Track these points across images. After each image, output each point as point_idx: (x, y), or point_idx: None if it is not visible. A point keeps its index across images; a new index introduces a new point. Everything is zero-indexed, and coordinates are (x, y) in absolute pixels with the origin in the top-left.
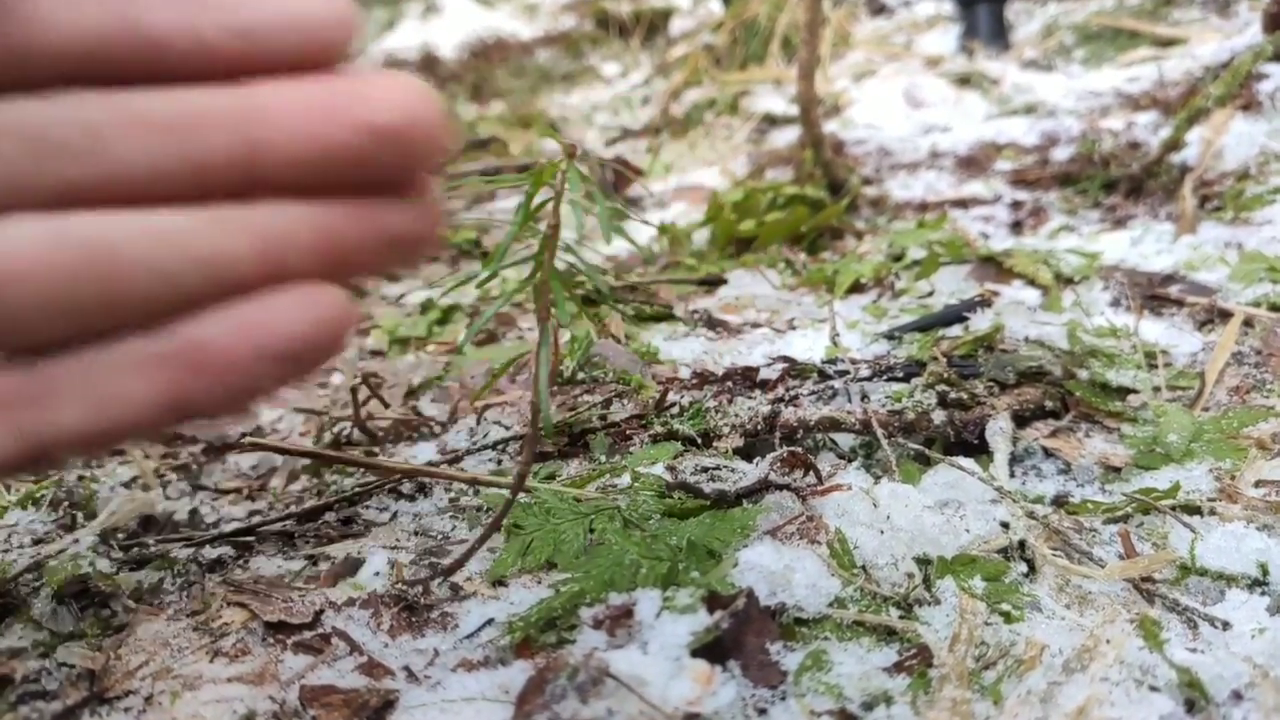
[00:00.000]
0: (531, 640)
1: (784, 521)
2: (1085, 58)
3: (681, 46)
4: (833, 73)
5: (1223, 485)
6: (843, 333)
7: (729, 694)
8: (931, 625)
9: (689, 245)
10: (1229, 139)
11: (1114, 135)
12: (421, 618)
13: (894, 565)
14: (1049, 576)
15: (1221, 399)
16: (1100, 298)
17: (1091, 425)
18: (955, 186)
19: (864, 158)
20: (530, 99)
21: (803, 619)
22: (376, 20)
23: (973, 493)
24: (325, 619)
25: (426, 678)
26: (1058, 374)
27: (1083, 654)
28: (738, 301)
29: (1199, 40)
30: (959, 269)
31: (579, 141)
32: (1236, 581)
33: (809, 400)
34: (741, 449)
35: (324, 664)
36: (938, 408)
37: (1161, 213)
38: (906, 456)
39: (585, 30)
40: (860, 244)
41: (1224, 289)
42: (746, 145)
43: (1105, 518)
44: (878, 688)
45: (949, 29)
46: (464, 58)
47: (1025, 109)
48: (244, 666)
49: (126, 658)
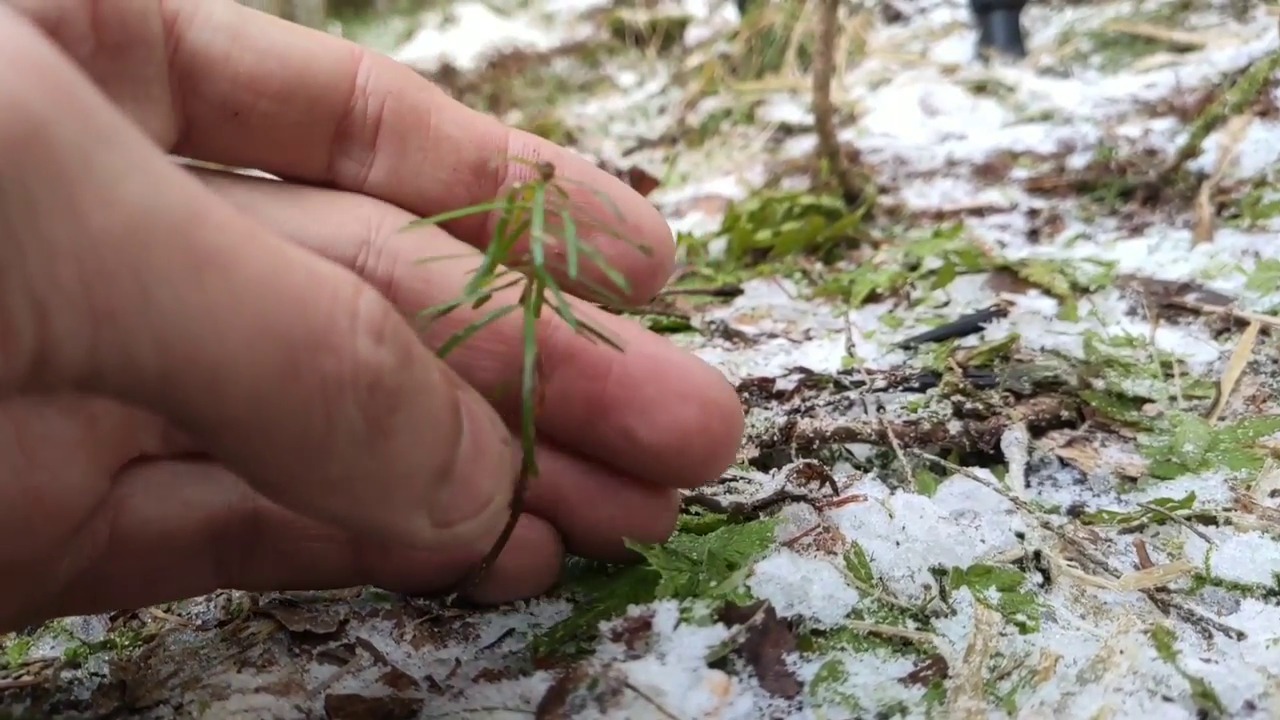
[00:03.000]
0: (553, 652)
1: (801, 533)
2: (1102, 64)
3: (697, 56)
4: (848, 81)
5: (1238, 495)
6: (859, 343)
7: (746, 704)
8: (947, 636)
9: (705, 255)
10: (1246, 146)
11: (1131, 142)
12: (444, 629)
13: (910, 576)
14: (1064, 587)
15: (1238, 408)
16: (1116, 307)
17: (1108, 435)
18: (971, 195)
19: (880, 166)
20: (547, 109)
21: (819, 630)
22: (394, 31)
23: (988, 503)
24: (350, 629)
25: (449, 687)
26: (1074, 384)
27: (1097, 664)
28: (754, 312)
29: (1216, 46)
30: (975, 278)
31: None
32: (1251, 591)
33: (825, 411)
34: (758, 460)
35: (349, 674)
36: (953, 418)
37: (1178, 220)
38: (922, 467)
39: (602, 40)
40: (876, 253)
41: (1241, 297)
42: (763, 154)
43: (1121, 528)
44: (893, 698)
45: (965, 36)
46: (481, 68)
47: (1042, 116)
48: (271, 676)
49: (156, 667)
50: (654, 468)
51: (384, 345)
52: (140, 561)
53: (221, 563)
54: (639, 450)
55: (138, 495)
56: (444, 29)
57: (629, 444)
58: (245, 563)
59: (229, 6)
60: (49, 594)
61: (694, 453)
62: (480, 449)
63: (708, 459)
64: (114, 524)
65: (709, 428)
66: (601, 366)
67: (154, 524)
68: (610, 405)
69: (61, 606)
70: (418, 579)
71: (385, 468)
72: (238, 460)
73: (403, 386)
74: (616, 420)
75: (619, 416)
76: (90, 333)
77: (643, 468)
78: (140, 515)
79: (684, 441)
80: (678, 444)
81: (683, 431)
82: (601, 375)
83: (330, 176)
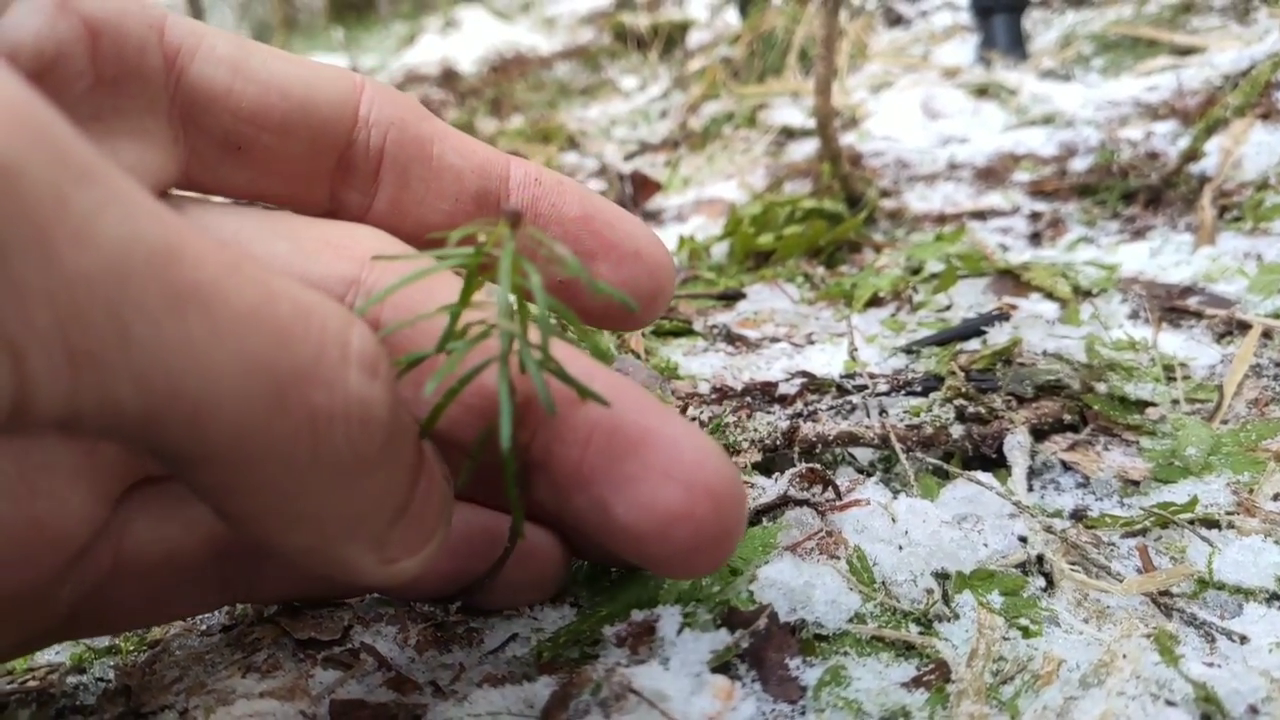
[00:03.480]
0: (557, 657)
1: (804, 537)
2: (1103, 67)
3: (699, 60)
4: (850, 84)
5: (1241, 499)
6: (861, 347)
7: (749, 709)
8: (950, 640)
9: (707, 259)
10: (1248, 149)
11: (1132, 145)
12: (447, 634)
13: (913, 581)
14: (1067, 591)
15: (1240, 411)
16: (1119, 310)
17: (1110, 438)
18: (973, 198)
19: (882, 170)
20: (549, 113)
21: (822, 634)
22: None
23: (991, 507)
24: (354, 634)
25: (453, 692)
26: (1076, 387)
27: (1099, 668)
28: (756, 316)
29: (1218, 48)
30: (977, 282)
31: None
32: (1254, 595)
33: (828, 415)
34: (761, 464)
35: (353, 679)
36: (956, 422)
37: (1180, 223)
38: (925, 471)
39: (603, 44)
40: (878, 257)
41: (1243, 300)
42: (765, 158)
43: (1123, 531)
44: (896, 703)
45: (966, 39)
46: (483, 72)
47: (1043, 119)
48: (276, 681)
49: (161, 673)
50: (636, 552)
51: (378, 380)
52: (145, 584)
53: (227, 581)
54: (616, 530)
55: (139, 519)
56: (446, 33)
57: (606, 522)
58: (250, 579)
59: (230, 40)
60: (52, 621)
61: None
62: (431, 486)
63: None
64: (116, 549)
65: (694, 513)
66: (583, 432)
67: (157, 545)
68: (589, 477)
69: (67, 631)
70: (422, 588)
71: (356, 505)
72: (212, 493)
73: (391, 422)
74: (595, 494)
75: (597, 490)
76: (69, 374)
77: (624, 550)
78: (143, 538)
79: (664, 526)
80: (658, 529)
81: (663, 515)
82: (582, 442)
83: (333, 207)
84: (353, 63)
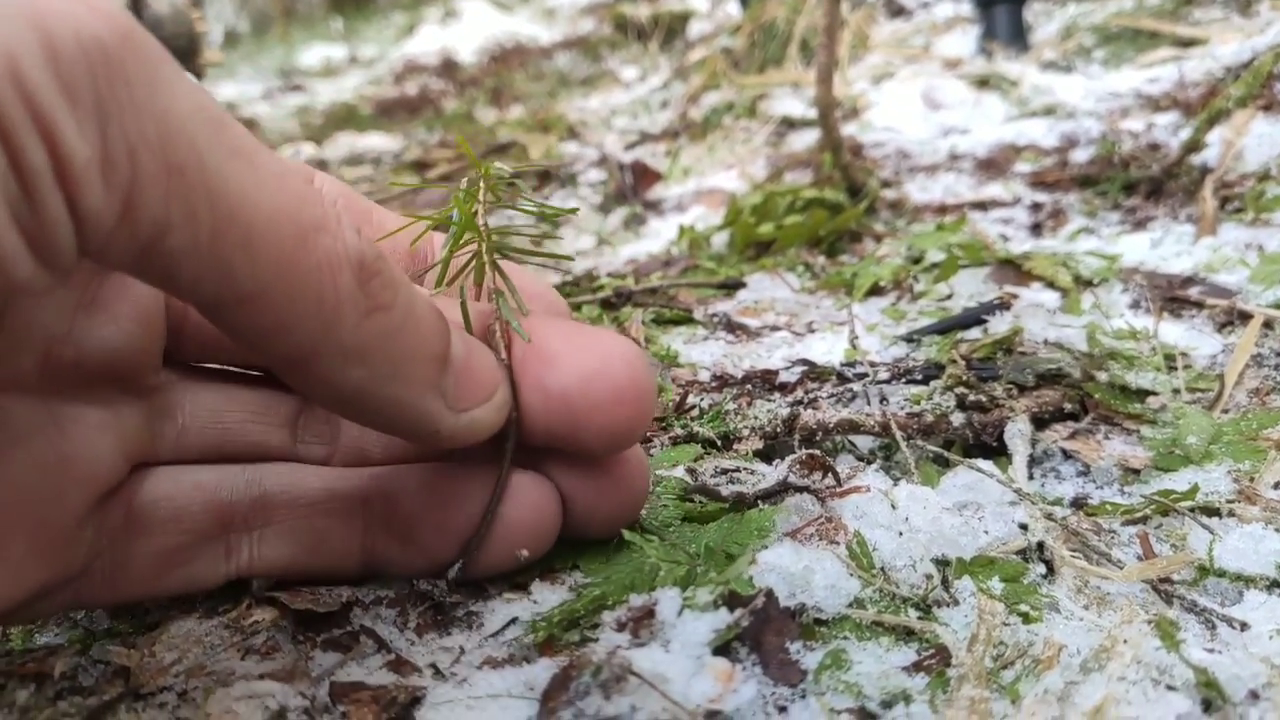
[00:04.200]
0: (555, 639)
1: (803, 523)
2: (1105, 58)
3: (700, 50)
4: (851, 75)
5: (1241, 487)
6: (862, 335)
7: (750, 692)
8: (950, 626)
9: (708, 248)
10: (1250, 140)
11: (1134, 136)
12: (447, 616)
13: (913, 566)
14: (1067, 578)
15: (1241, 401)
16: (1120, 300)
17: (1111, 427)
18: (974, 189)
19: (883, 160)
20: (549, 103)
21: (822, 619)
22: (396, 26)
23: (991, 494)
24: (354, 617)
25: (453, 674)
26: (1077, 376)
27: (1100, 654)
28: (757, 305)
29: (1220, 40)
30: (978, 271)
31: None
32: (1255, 583)
33: (828, 403)
34: (761, 451)
35: (353, 661)
36: (956, 410)
37: (1182, 214)
38: (925, 458)
39: (604, 34)
40: (879, 247)
41: (1244, 291)
42: (765, 148)
43: (1124, 519)
44: (896, 687)
45: (968, 30)
46: (483, 62)
47: (1045, 110)
48: (275, 663)
49: (160, 654)
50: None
51: (363, 240)
52: (153, 541)
53: (231, 548)
54: (551, 402)
55: (151, 478)
56: (445, 23)
57: (543, 398)
58: (254, 545)
59: None
60: (71, 569)
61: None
62: (470, 348)
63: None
64: (129, 505)
65: (609, 370)
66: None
67: (166, 502)
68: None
69: (78, 591)
70: (422, 547)
71: (390, 342)
72: (269, 334)
73: (384, 271)
74: (532, 378)
75: (533, 371)
76: (164, 181)
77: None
78: (153, 494)
79: (586, 383)
80: (579, 387)
81: (582, 374)
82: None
83: None
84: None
